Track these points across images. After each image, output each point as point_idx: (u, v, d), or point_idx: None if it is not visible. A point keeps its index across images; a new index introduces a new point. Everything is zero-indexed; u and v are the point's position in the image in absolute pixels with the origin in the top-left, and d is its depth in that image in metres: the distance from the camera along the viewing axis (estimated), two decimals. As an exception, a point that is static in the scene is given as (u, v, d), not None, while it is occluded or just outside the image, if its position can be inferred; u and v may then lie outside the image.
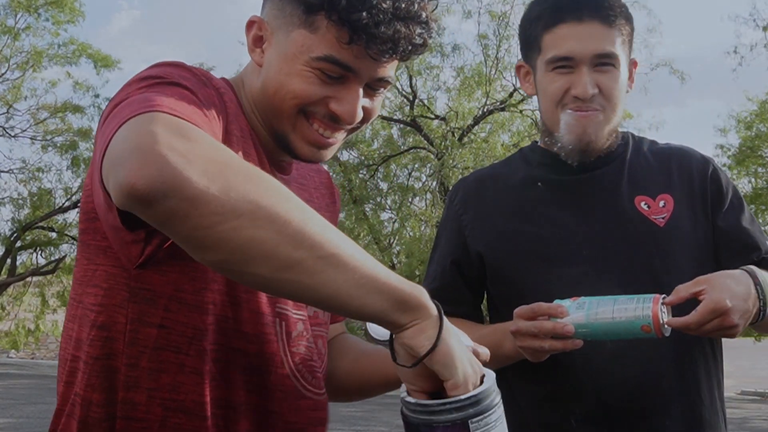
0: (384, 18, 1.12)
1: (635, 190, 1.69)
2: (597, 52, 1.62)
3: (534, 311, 1.47)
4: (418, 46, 1.17)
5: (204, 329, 1.13)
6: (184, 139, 0.92)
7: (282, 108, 1.18)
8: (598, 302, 1.44)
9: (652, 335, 1.42)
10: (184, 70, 1.13)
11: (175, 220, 0.89)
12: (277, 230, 0.90)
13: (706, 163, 1.75)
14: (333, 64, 1.15)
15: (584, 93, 1.61)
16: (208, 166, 0.90)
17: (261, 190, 0.91)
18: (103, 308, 1.14)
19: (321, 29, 1.14)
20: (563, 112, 1.64)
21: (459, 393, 0.99)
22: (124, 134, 0.94)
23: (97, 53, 18.09)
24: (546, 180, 1.73)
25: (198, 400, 1.13)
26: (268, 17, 1.21)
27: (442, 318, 1.00)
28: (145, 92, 1.03)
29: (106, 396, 1.13)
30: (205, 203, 0.88)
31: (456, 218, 1.79)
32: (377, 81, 1.20)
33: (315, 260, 0.92)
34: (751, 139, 18.59)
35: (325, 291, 0.94)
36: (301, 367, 1.23)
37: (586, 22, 1.62)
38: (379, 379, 1.34)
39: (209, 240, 0.90)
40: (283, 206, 0.92)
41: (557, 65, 1.64)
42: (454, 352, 1.00)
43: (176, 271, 1.12)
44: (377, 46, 1.13)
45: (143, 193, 0.87)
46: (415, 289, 0.99)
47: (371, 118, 1.24)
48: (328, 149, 1.23)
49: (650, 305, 1.41)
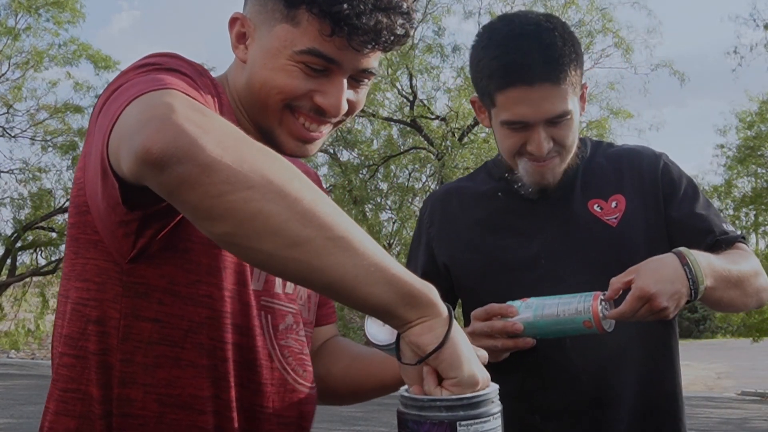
0: (365, 9, 1.12)
1: (588, 195, 1.75)
2: (549, 116, 1.62)
3: (488, 312, 1.56)
4: (400, 37, 1.17)
5: (200, 322, 1.13)
6: (200, 113, 0.92)
7: (267, 103, 1.19)
8: (544, 301, 1.52)
9: (594, 330, 1.49)
10: (180, 60, 1.14)
11: (186, 187, 0.88)
12: (287, 206, 0.88)
13: (656, 159, 1.79)
14: (316, 56, 1.15)
15: (540, 151, 1.64)
16: (223, 138, 0.90)
17: (274, 166, 0.91)
18: (97, 303, 1.13)
19: (303, 23, 1.15)
20: (520, 160, 1.69)
21: (459, 392, 0.96)
22: (138, 107, 0.94)
23: (97, 54, 18.09)
24: (506, 190, 1.78)
25: (195, 394, 1.13)
26: (250, 13, 1.22)
27: (452, 318, 0.98)
28: (150, 75, 1.03)
29: (103, 392, 1.13)
30: (218, 171, 0.87)
31: (425, 232, 1.86)
32: (361, 72, 1.20)
33: (324, 240, 0.89)
34: (752, 139, 18.59)
35: (332, 274, 0.91)
36: (291, 360, 1.23)
37: (536, 85, 1.59)
38: (374, 383, 1.34)
39: (218, 209, 0.88)
40: (295, 184, 0.90)
41: (511, 127, 1.65)
42: (462, 353, 0.97)
43: (170, 264, 1.12)
44: (359, 37, 1.14)
45: (157, 157, 0.87)
46: (425, 286, 0.97)
47: (356, 110, 1.25)
48: (313, 143, 1.24)
49: (590, 301, 1.48)
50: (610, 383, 1.67)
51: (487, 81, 1.66)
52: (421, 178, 19.35)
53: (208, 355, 1.14)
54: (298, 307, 1.28)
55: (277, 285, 1.24)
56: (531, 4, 17.70)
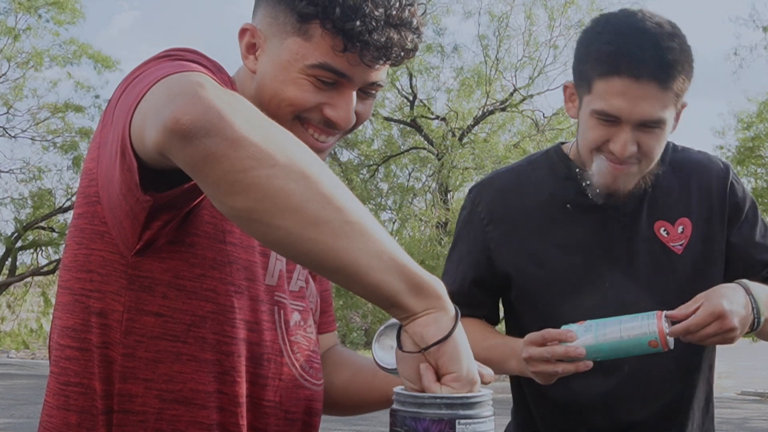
0: (377, 25, 1.14)
1: (655, 215, 1.71)
2: (645, 119, 1.55)
3: (545, 338, 1.52)
4: (410, 51, 1.19)
5: (202, 316, 1.13)
6: (228, 93, 0.94)
7: (277, 115, 1.19)
8: (604, 324, 1.51)
9: (659, 349, 1.49)
10: (198, 55, 1.15)
11: (212, 160, 0.89)
12: (308, 186, 0.90)
13: (725, 176, 1.74)
14: (328, 71, 1.16)
15: (622, 153, 1.57)
16: (251, 116, 0.92)
17: (298, 149, 0.93)
18: (101, 294, 1.14)
19: (315, 37, 1.16)
20: (597, 157, 1.62)
21: (458, 388, 0.97)
22: (166, 85, 0.96)
23: (97, 54, 18.09)
24: (575, 202, 1.72)
25: (196, 389, 1.13)
26: (260, 25, 1.22)
27: (458, 317, 0.99)
28: (175, 62, 1.05)
29: (105, 387, 1.13)
30: (245, 146, 0.89)
31: (480, 227, 1.76)
32: (370, 85, 1.22)
33: (342, 223, 0.91)
34: (751, 139, 18.58)
35: (346, 257, 0.91)
36: (300, 356, 1.24)
37: (643, 81, 1.53)
38: (377, 396, 1.33)
39: (241, 184, 0.89)
40: (317, 168, 0.92)
41: (602, 117, 1.58)
42: (463, 350, 0.99)
43: (176, 258, 1.13)
44: (371, 53, 1.15)
45: (186, 128, 0.89)
46: (433, 280, 0.97)
47: (363, 121, 1.26)
48: (322, 153, 1.24)
49: (654, 321, 1.49)
50: (658, 407, 1.69)
51: (592, 64, 1.59)
52: (421, 178, 19.35)
53: (211, 350, 1.14)
54: (307, 305, 1.28)
55: (285, 282, 1.25)
56: (531, 4, 17.71)
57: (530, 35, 17.84)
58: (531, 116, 18.41)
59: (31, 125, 18.38)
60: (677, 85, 1.56)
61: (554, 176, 1.76)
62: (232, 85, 1.19)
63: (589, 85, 1.60)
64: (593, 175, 1.64)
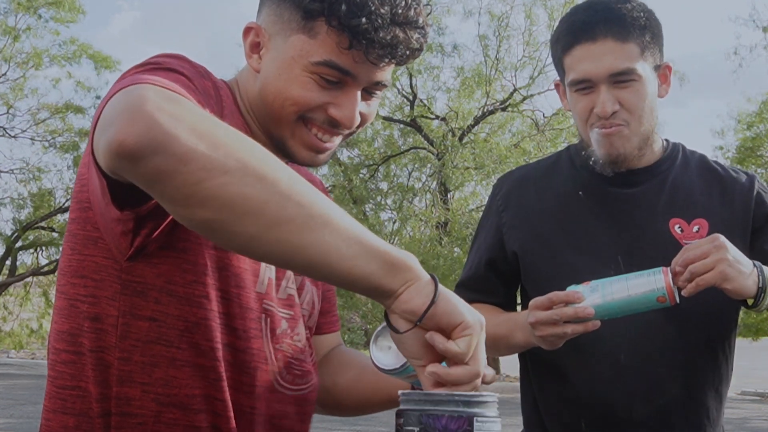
0: (383, 23, 1.13)
1: (671, 212, 1.72)
2: (612, 71, 1.63)
3: (552, 300, 1.53)
4: (416, 51, 1.18)
5: (195, 322, 1.13)
6: (173, 102, 0.92)
7: (281, 114, 1.19)
8: (610, 282, 1.52)
9: (667, 304, 1.51)
10: (183, 60, 1.14)
11: (163, 177, 0.89)
12: (265, 187, 0.90)
13: (750, 185, 1.76)
14: (332, 68, 1.15)
15: (603, 112, 1.64)
16: (197, 125, 0.90)
17: (249, 150, 0.92)
18: (96, 299, 1.13)
19: (320, 34, 1.15)
20: (591, 131, 1.68)
21: (472, 333, 0.97)
22: (113, 103, 0.95)
23: (97, 54, 18.10)
24: (587, 190, 1.75)
25: (191, 394, 1.13)
26: (264, 23, 1.21)
27: (436, 279, 0.99)
28: (142, 74, 1.04)
29: (101, 390, 1.13)
30: (194, 159, 0.88)
31: (497, 213, 1.83)
32: (374, 84, 1.21)
33: (305, 218, 0.91)
34: (751, 139, 18.59)
35: (314, 251, 0.92)
36: (285, 363, 1.23)
37: (599, 41, 1.63)
38: (382, 397, 1.33)
39: (197, 197, 0.89)
40: (272, 166, 0.92)
41: (578, 87, 1.67)
42: (457, 302, 0.98)
43: (168, 263, 1.12)
44: (376, 51, 1.14)
45: (131, 150, 0.87)
46: (403, 254, 0.97)
47: (367, 121, 1.25)
48: (325, 153, 1.24)
49: (661, 276, 1.50)
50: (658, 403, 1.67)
51: (556, 46, 1.71)
52: (421, 178, 19.35)
53: (204, 356, 1.14)
54: (296, 313, 1.28)
55: (274, 290, 1.24)
56: (531, 4, 17.71)
57: (530, 35, 17.85)
58: (531, 116, 18.42)
59: (31, 125, 18.40)
60: (637, 38, 1.64)
61: (572, 166, 1.81)
62: (217, 90, 1.17)
63: (562, 67, 1.70)
64: (594, 151, 1.69)
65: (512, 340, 1.67)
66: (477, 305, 1.80)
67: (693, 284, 1.49)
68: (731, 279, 1.50)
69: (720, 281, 1.49)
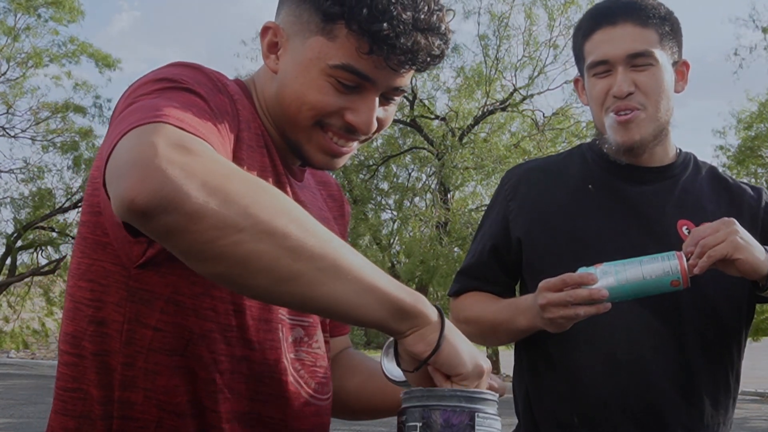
0: (405, 29, 1.10)
1: (680, 213, 1.72)
2: (630, 52, 1.65)
3: (564, 281, 1.52)
4: (437, 57, 1.15)
5: (200, 334, 1.12)
6: (185, 152, 0.91)
7: (298, 119, 1.17)
8: (623, 265, 1.52)
9: (680, 288, 1.51)
10: (200, 74, 1.12)
11: (175, 235, 0.89)
12: (276, 243, 0.90)
13: (758, 197, 1.79)
14: (351, 73, 1.13)
15: (619, 91, 1.65)
16: (208, 179, 0.89)
17: (260, 203, 0.91)
18: (102, 304, 1.12)
19: (340, 38, 1.13)
20: (606, 116, 1.68)
21: (469, 384, 1.00)
22: (127, 144, 0.94)
23: (97, 52, 18.11)
24: (598, 184, 1.76)
25: (194, 401, 1.12)
26: (283, 23, 1.19)
27: (443, 321, 1.01)
28: (157, 97, 1.03)
29: (103, 393, 1.12)
30: (204, 218, 0.88)
31: (503, 202, 1.83)
32: (393, 90, 1.19)
33: (315, 272, 0.93)
34: (751, 139, 18.60)
35: (326, 301, 0.95)
36: (304, 372, 1.22)
37: (619, 25, 1.67)
38: (391, 401, 1.31)
39: (208, 254, 0.90)
40: (283, 219, 0.91)
41: (596, 71, 1.69)
42: (460, 351, 1.01)
43: (176, 274, 1.10)
44: (397, 57, 1.12)
45: (143, 209, 0.88)
46: (412, 297, 0.99)
47: (384, 127, 1.23)
48: (342, 157, 1.23)
49: (676, 261, 1.50)
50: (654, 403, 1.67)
51: (578, 33, 1.75)
52: (421, 178, 19.38)
53: (206, 368, 1.12)
54: (315, 320, 1.26)
55: None
56: (531, 4, 17.72)
57: (530, 35, 17.87)
58: (531, 116, 18.43)
59: (31, 125, 18.41)
60: (657, 26, 1.68)
61: (582, 161, 1.82)
62: (233, 104, 1.14)
63: (582, 55, 1.73)
64: (609, 137, 1.70)
65: (513, 324, 1.67)
66: (477, 293, 1.82)
67: (705, 258, 1.50)
68: (742, 249, 1.50)
69: (732, 251, 1.50)
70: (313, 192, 1.35)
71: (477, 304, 1.80)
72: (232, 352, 1.14)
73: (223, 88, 1.13)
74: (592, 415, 1.68)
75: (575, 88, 1.83)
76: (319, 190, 1.40)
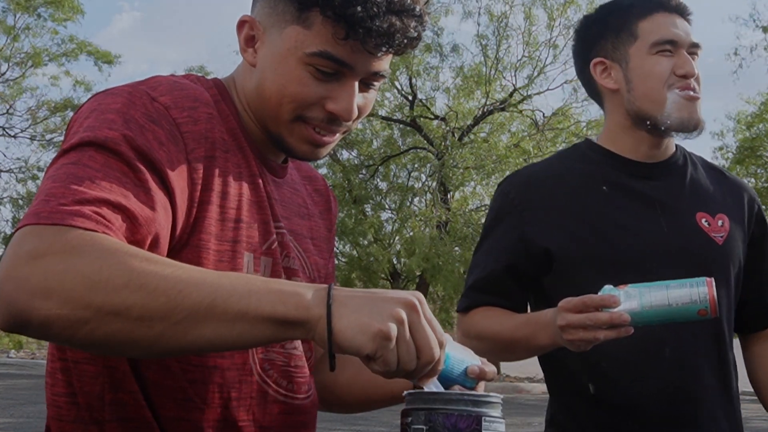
0: (379, 12, 1.11)
1: (696, 206, 1.76)
2: (692, 41, 1.74)
3: (585, 303, 1.46)
4: (413, 39, 1.16)
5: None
6: (31, 261, 0.93)
7: (279, 112, 1.18)
8: (649, 289, 1.45)
9: (708, 317, 1.46)
10: (130, 108, 1.08)
11: (48, 338, 0.98)
12: (124, 319, 0.92)
13: (755, 198, 1.87)
14: (328, 59, 1.14)
15: (692, 71, 1.71)
16: (46, 284, 0.91)
17: (98, 285, 0.91)
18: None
19: (315, 25, 1.13)
20: (670, 92, 1.71)
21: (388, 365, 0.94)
22: (8, 248, 0.97)
23: (96, 50, 18.11)
24: (610, 183, 1.75)
25: (157, 414, 1.12)
26: (259, 16, 1.20)
27: (329, 304, 0.94)
28: (68, 167, 1.01)
29: (93, 397, 1.12)
30: (53, 324, 0.92)
31: (515, 213, 1.77)
32: (372, 75, 1.19)
33: (173, 328, 0.93)
34: (751, 139, 18.60)
35: (202, 344, 0.95)
36: (273, 372, 1.21)
37: (675, 15, 1.75)
38: (383, 393, 1.31)
39: (78, 345, 0.99)
40: (122, 293, 0.91)
41: (662, 48, 1.73)
42: (360, 319, 0.93)
43: None
44: (373, 40, 1.12)
45: (6, 328, 0.95)
46: (289, 303, 0.94)
47: (365, 113, 1.23)
48: (325, 147, 1.22)
49: (705, 289, 1.44)
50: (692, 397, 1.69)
51: (627, 12, 1.77)
52: (421, 178, 19.36)
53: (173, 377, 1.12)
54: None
55: None
56: (530, 4, 17.72)
57: (530, 35, 17.85)
58: (531, 116, 18.42)
59: (30, 124, 18.40)
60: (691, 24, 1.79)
61: (586, 162, 1.80)
62: (177, 128, 1.10)
63: (632, 32, 1.75)
64: (670, 114, 1.71)
65: (534, 341, 1.63)
66: (488, 308, 1.78)
67: None
68: None
69: None
70: (296, 188, 1.34)
71: (490, 320, 1.76)
72: (201, 362, 1.13)
73: (162, 114, 1.10)
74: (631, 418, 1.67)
75: (593, 72, 1.80)
76: (304, 185, 1.39)
